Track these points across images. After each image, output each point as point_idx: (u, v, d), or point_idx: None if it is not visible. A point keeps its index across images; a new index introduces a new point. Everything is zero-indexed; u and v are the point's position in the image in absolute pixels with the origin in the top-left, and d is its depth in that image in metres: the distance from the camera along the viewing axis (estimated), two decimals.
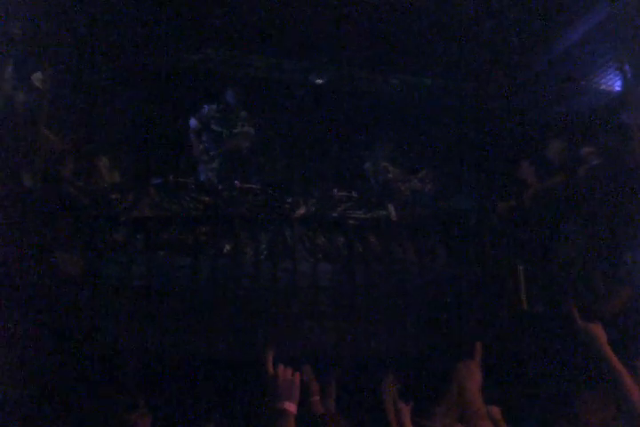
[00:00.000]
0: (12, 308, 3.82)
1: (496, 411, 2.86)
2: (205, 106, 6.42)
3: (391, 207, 5.41)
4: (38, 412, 3.44)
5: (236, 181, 5.72)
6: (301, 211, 5.21)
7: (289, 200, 5.25)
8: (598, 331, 2.28)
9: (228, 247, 5.00)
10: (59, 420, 3.41)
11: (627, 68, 5.83)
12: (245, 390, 3.92)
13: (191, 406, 3.86)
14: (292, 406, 1.93)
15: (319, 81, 7.07)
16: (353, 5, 6.13)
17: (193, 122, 6.37)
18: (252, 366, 4.69)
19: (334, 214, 5.28)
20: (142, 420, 2.98)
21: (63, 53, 5.79)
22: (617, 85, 6.09)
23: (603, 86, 6.29)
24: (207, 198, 5.27)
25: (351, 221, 5.24)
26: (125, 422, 2.99)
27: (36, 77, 5.27)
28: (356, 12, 6.14)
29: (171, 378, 4.06)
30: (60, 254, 4.56)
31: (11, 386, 3.42)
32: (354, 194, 5.66)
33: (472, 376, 2.37)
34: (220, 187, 5.68)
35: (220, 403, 3.88)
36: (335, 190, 5.64)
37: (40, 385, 3.70)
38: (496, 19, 6.07)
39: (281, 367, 2.00)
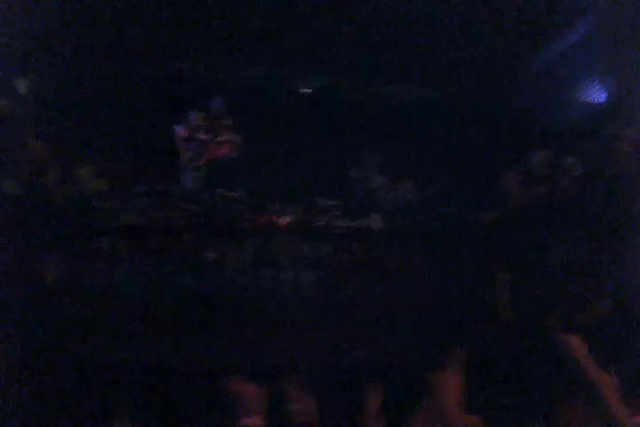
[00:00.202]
0: None
1: (476, 421, 2.86)
2: (192, 113, 6.41)
3: (376, 216, 5.43)
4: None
5: (220, 190, 5.71)
6: (286, 219, 5.21)
7: (274, 209, 5.25)
8: (577, 343, 2.28)
9: (212, 256, 5.00)
10: None
11: (610, 80, 5.90)
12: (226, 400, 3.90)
13: (171, 416, 3.83)
14: (254, 421, 1.93)
15: (306, 90, 7.10)
16: (340, 15, 6.17)
17: (179, 129, 6.36)
18: (236, 375, 4.69)
19: (319, 223, 5.28)
20: None
21: (48, 60, 5.77)
22: (600, 97, 6.16)
23: (586, 98, 6.36)
24: (192, 207, 5.25)
25: (336, 230, 5.25)
26: None
27: (20, 84, 5.25)
28: (344, 22, 6.17)
29: (151, 388, 4.03)
30: (44, 263, 4.53)
31: None
32: (339, 203, 5.67)
33: (448, 386, 2.37)
34: (204, 195, 5.67)
35: (201, 415, 3.86)
36: (320, 199, 5.65)
37: (18, 395, 3.66)
38: (482, 31, 6.12)
39: (241, 383, 2.00)
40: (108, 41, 6.15)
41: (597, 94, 6.17)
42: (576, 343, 2.25)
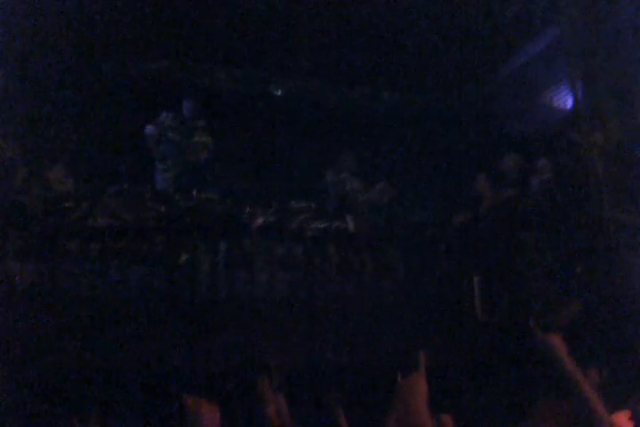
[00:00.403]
0: None
1: (447, 419, 2.87)
2: (163, 113, 6.32)
3: (349, 219, 5.44)
4: None
5: (193, 191, 5.66)
6: (259, 221, 5.19)
7: (247, 210, 5.22)
8: (558, 342, 2.26)
9: (184, 257, 4.94)
10: None
11: (578, 85, 6.01)
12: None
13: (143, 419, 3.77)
14: None
15: (278, 92, 7.08)
16: (314, 18, 6.19)
17: (150, 129, 6.25)
18: (208, 377, 4.64)
19: (292, 225, 5.27)
20: None
21: (16, 57, 5.66)
22: (568, 103, 6.27)
23: (555, 104, 6.47)
24: (164, 208, 5.19)
25: (309, 232, 5.24)
26: None
27: None
28: (317, 25, 6.19)
29: (121, 390, 3.97)
30: (12, 264, 4.43)
31: None
32: (312, 205, 5.66)
33: (415, 390, 2.34)
34: (176, 196, 5.61)
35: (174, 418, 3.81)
36: (293, 201, 5.63)
37: None
38: (456, 35, 6.20)
39: (197, 401, 1.97)
40: (82, 40, 6.05)
41: (566, 100, 6.29)
42: (558, 344, 2.23)
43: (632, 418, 2.44)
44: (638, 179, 4.91)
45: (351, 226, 5.37)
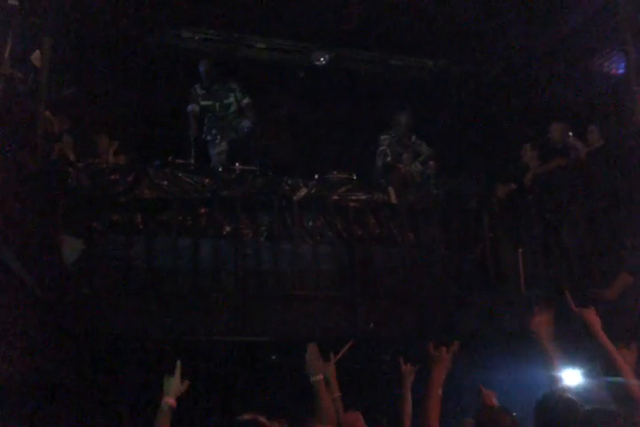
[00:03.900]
0: (17, 294, 3.80)
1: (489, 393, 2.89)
2: (194, 86, 6.24)
3: (391, 190, 5.39)
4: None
5: (236, 163, 5.69)
6: (301, 193, 5.19)
7: (289, 182, 5.23)
8: (592, 316, 2.34)
9: (227, 229, 5.01)
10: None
11: (630, 50, 5.75)
12: (244, 373, 3.95)
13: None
14: None
15: (320, 62, 6.98)
16: None
17: (191, 106, 6.22)
18: (252, 348, 4.73)
19: (334, 197, 5.26)
20: None
21: (64, 32, 5.71)
22: (621, 68, 6.02)
23: (606, 69, 6.22)
24: (207, 180, 5.24)
25: (351, 204, 5.23)
26: None
27: (35, 57, 5.20)
28: None
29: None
30: (62, 237, 4.54)
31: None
32: (354, 176, 5.64)
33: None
34: (219, 168, 5.65)
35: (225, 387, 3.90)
36: (335, 172, 5.61)
37: (44, 371, 3.72)
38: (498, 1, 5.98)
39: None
40: (125, 13, 6.05)
41: (617, 65, 6.04)
42: (592, 318, 2.30)
43: None
44: None
45: (393, 197, 5.33)
